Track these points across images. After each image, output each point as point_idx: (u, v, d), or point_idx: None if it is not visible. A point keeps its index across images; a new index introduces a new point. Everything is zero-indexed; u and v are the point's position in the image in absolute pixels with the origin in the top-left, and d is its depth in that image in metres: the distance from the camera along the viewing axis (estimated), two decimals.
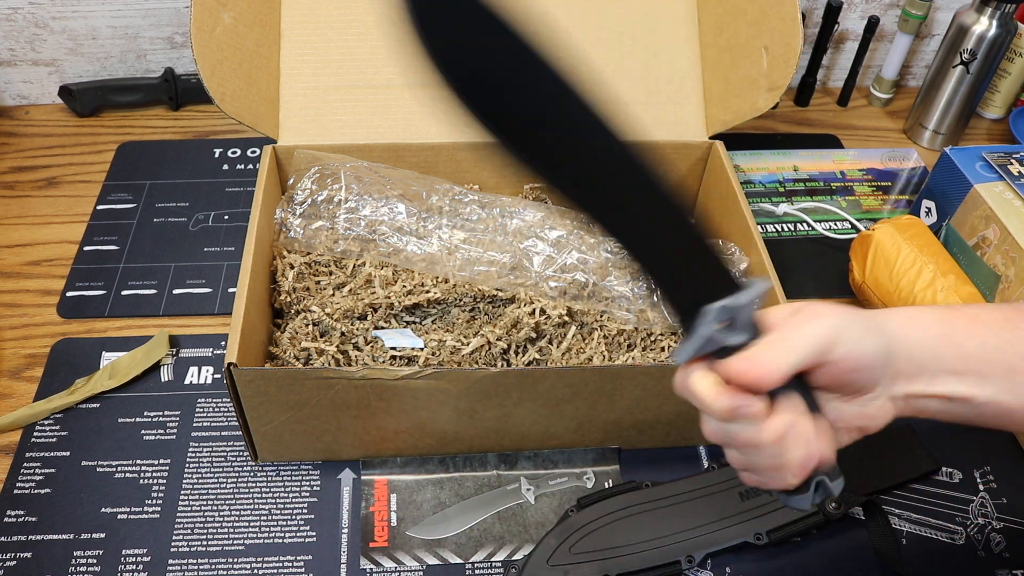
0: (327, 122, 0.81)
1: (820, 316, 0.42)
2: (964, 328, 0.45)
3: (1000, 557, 0.68)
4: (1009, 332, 0.45)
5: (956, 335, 0.45)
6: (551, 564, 0.64)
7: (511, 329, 0.72)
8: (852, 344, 0.42)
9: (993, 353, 0.45)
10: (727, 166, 0.81)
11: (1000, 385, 0.45)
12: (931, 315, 0.46)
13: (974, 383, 0.45)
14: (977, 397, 0.45)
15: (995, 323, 0.46)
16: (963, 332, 0.45)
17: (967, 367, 0.45)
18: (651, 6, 0.86)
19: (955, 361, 0.45)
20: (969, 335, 0.45)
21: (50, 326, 0.81)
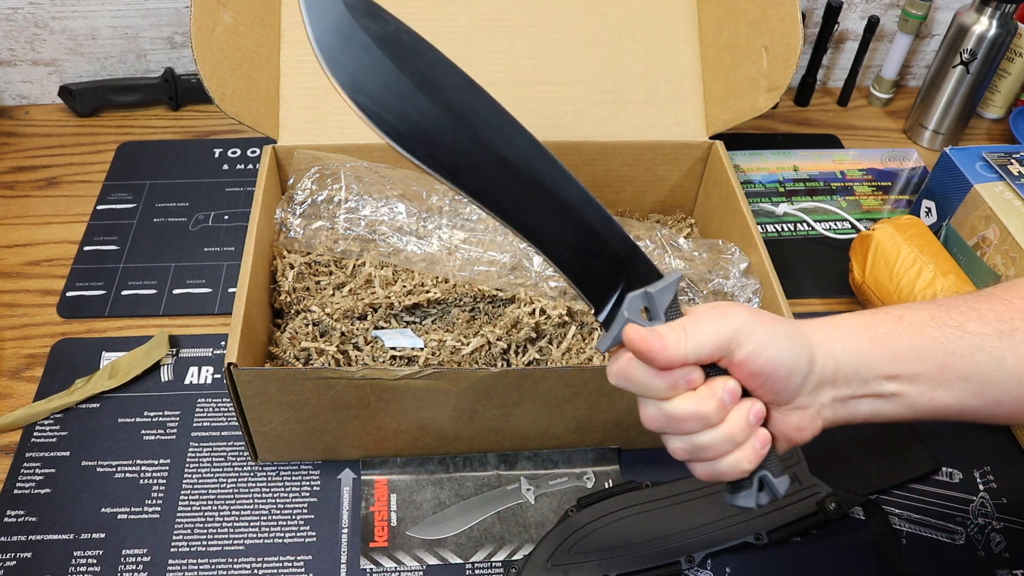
0: (327, 122, 0.81)
1: (728, 315, 0.43)
2: (890, 331, 0.45)
3: (1000, 557, 0.68)
4: (936, 330, 0.45)
5: (882, 338, 0.45)
6: (551, 564, 0.64)
7: (511, 329, 0.72)
8: (756, 346, 0.42)
9: (922, 352, 0.45)
10: (727, 166, 0.81)
11: (932, 382, 0.45)
12: (855, 321, 0.46)
13: (906, 382, 0.45)
14: (909, 394, 0.45)
15: (921, 323, 0.46)
16: (889, 335, 0.45)
17: (897, 369, 0.45)
18: (651, 6, 0.86)
19: (885, 363, 0.45)
20: (895, 337, 0.45)
21: (50, 326, 0.81)
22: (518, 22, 0.84)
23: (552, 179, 0.43)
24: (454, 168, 0.41)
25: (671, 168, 0.87)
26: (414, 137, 0.41)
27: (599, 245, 0.44)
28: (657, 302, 0.43)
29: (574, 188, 0.44)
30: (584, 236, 0.44)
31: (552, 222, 0.43)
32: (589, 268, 0.44)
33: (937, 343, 0.45)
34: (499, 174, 0.42)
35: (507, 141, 0.43)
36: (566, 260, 0.44)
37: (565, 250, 0.44)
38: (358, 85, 0.41)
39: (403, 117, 0.41)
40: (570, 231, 0.43)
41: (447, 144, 0.41)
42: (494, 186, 0.42)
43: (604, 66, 0.85)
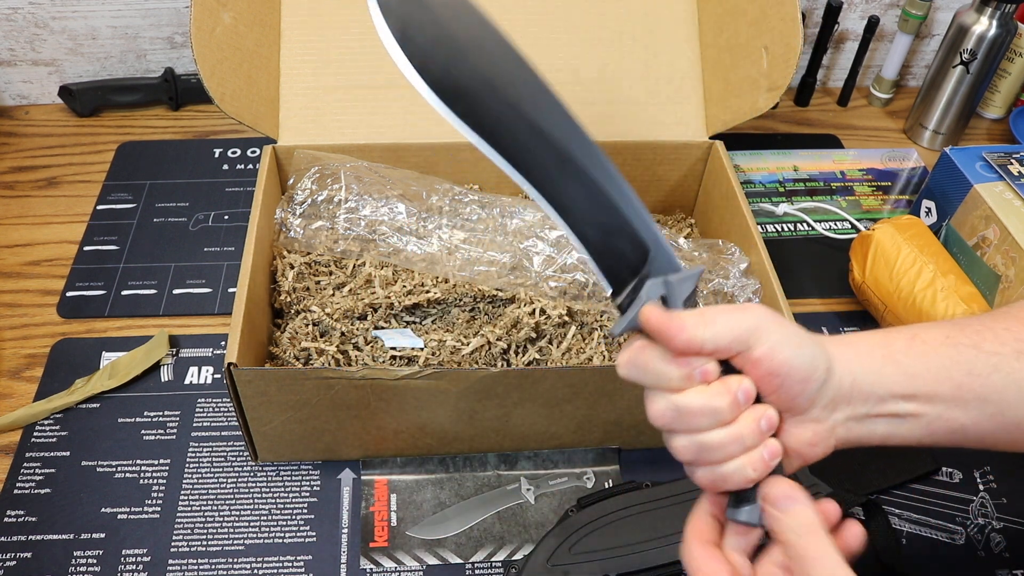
0: (327, 122, 0.81)
1: (749, 311, 0.42)
2: (904, 349, 0.45)
3: (1000, 557, 0.68)
4: (951, 348, 0.45)
5: (897, 356, 0.44)
6: (551, 564, 0.64)
7: (511, 329, 0.72)
8: (775, 344, 0.41)
9: (937, 372, 0.44)
10: (727, 166, 0.81)
11: (949, 404, 0.44)
12: (869, 339, 0.45)
13: (922, 402, 0.44)
14: (926, 415, 0.44)
15: (935, 341, 0.45)
16: (903, 353, 0.44)
17: (914, 388, 0.44)
18: (651, 6, 0.86)
19: (901, 381, 0.44)
20: (910, 355, 0.44)
21: (50, 326, 0.81)
22: (518, 22, 0.84)
23: (585, 156, 0.44)
24: (490, 129, 0.42)
25: (671, 168, 0.87)
26: (455, 93, 0.41)
27: (625, 227, 0.44)
28: (676, 292, 0.42)
29: (606, 168, 0.44)
30: (611, 216, 0.44)
31: (581, 197, 0.43)
32: (612, 249, 0.44)
33: (954, 362, 0.44)
34: (534, 142, 0.43)
35: (545, 112, 0.43)
36: (590, 238, 0.43)
37: (590, 228, 0.43)
38: (408, 35, 0.41)
39: (447, 72, 0.41)
40: (597, 209, 0.43)
41: (486, 105, 0.42)
42: (528, 152, 0.42)
43: (604, 66, 0.85)
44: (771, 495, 0.41)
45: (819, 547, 0.39)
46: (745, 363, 0.42)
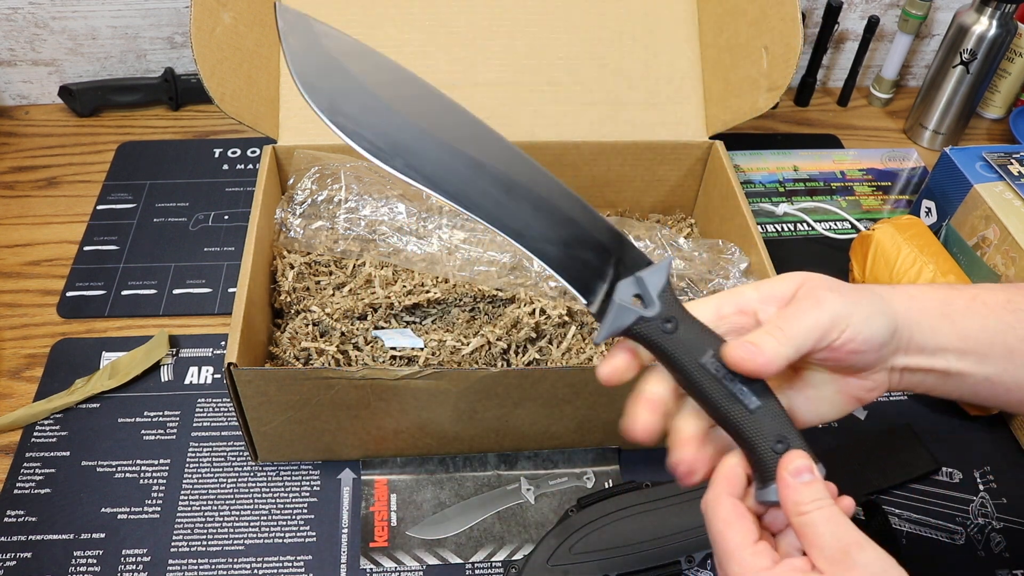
0: None
1: (822, 304, 0.42)
2: (964, 308, 0.45)
3: (1000, 557, 0.68)
4: (1010, 314, 0.45)
5: (956, 316, 0.45)
6: (551, 564, 0.64)
7: (511, 329, 0.72)
8: (853, 332, 0.42)
9: (994, 335, 0.45)
10: (727, 166, 0.81)
11: (999, 365, 0.45)
12: (931, 294, 0.46)
13: (974, 362, 0.45)
14: (975, 374, 0.45)
15: (996, 304, 0.46)
16: (963, 312, 0.45)
17: (967, 347, 0.45)
18: (651, 6, 0.86)
19: (955, 340, 0.45)
20: (969, 316, 0.45)
21: (50, 326, 0.81)
22: (518, 22, 0.84)
23: (527, 176, 0.44)
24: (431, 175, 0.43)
25: (671, 168, 0.87)
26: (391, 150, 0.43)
27: (582, 235, 0.44)
28: (649, 287, 0.43)
29: (550, 183, 0.45)
30: (566, 228, 0.44)
31: (532, 217, 0.44)
32: (575, 259, 0.44)
33: (1010, 328, 0.45)
34: (475, 176, 0.44)
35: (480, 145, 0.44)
36: (550, 254, 0.44)
37: (548, 244, 0.44)
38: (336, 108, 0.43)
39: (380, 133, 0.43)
40: (551, 225, 0.44)
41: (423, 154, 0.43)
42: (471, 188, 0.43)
43: (604, 66, 0.85)
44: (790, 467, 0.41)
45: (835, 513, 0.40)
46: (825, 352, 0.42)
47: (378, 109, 0.44)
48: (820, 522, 0.39)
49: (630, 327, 0.42)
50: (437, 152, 0.44)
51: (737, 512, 0.42)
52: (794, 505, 0.40)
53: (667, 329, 0.42)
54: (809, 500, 0.40)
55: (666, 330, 0.42)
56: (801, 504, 0.40)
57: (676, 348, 0.42)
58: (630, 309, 0.42)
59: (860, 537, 0.39)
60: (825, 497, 0.40)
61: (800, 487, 0.40)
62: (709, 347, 0.42)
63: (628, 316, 0.42)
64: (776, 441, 0.42)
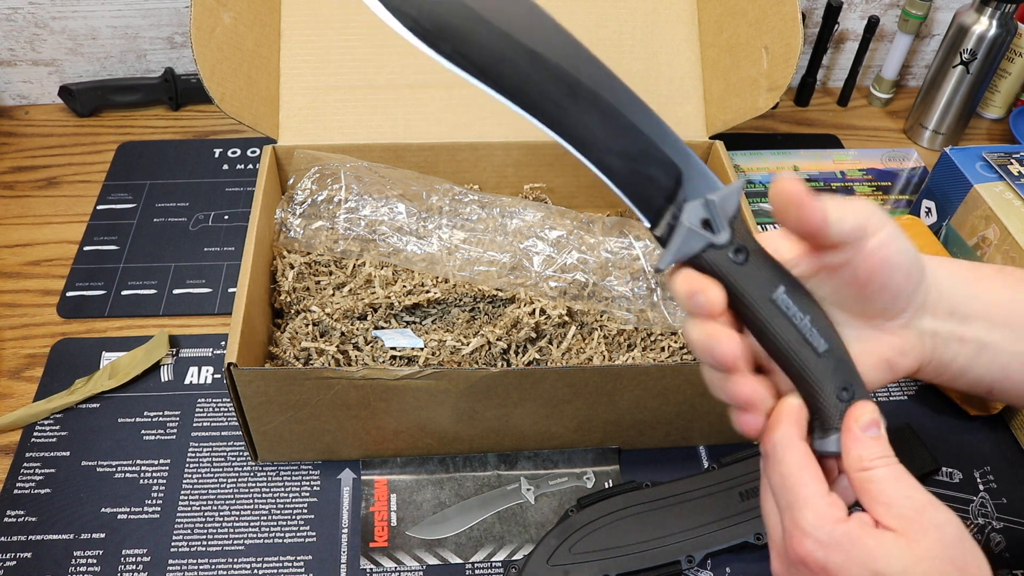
0: (327, 122, 0.81)
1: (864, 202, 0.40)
2: (992, 275, 0.44)
3: (1000, 557, 0.68)
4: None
5: (985, 281, 0.43)
6: (551, 564, 0.64)
7: (511, 329, 0.72)
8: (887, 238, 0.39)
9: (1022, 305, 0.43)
10: (727, 166, 0.81)
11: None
12: (957, 262, 0.45)
13: (1007, 332, 0.43)
14: (1008, 349, 0.43)
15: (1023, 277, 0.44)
16: (990, 279, 0.44)
17: (998, 315, 0.43)
18: (651, 6, 0.86)
19: (985, 306, 0.43)
20: (996, 284, 0.44)
21: (50, 326, 0.81)
22: None
23: (596, 80, 0.40)
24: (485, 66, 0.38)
25: None
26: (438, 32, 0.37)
27: (651, 151, 0.40)
28: (719, 211, 0.39)
29: (621, 90, 0.40)
30: (634, 141, 0.40)
31: (597, 126, 0.39)
32: (641, 177, 0.40)
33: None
34: (536, 73, 0.39)
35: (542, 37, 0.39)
36: (615, 168, 0.40)
37: (613, 156, 0.40)
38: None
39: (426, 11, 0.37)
40: (618, 136, 0.40)
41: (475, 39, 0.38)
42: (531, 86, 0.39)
43: None
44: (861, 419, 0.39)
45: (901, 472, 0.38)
46: (857, 253, 0.40)
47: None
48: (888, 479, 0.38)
49: (698, 254, 0.39)
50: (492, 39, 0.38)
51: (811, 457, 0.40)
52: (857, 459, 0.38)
53: (738, 260, 0.39)
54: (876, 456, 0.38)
55: (737, 260, 0.39)
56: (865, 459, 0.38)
57: (746, 281, 0.39)
58: (699, 234, 0.39)
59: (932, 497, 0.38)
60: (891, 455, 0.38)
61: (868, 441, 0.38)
62: (780, 283, 0.39)
63: (696, 242, 0.39)
64: (842, 388, 0.40)
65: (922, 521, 0.37)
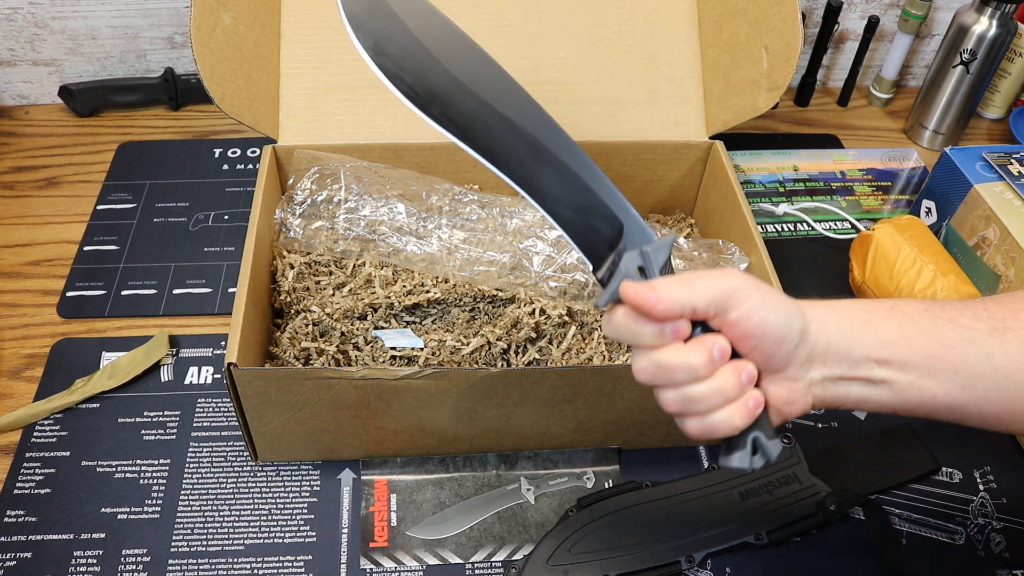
0: (327, 122, 0.81)
1: (727, 275, 0.44)
2: (883, 316, 0.46)
3: (1000, 557, 0.68)
4: (928, 321, 0.46)
5: (875, 323, 0.46)
6: (551, 564, 0.64)
7: (511, 329, 0.72)
8: (751, 307, 0.43)
9: (913, 340, 0.45)
10: (727, 166, 0.81)
11: (922, 371, 0.45)
12: (850, 305, 0.47)
13: (896, 368, 0.45)
14: (899, 382, 0.45)
15: (914, 313, 0.46)
16: (882, 320, 0.46)
17: (888, 353, 0.45)
18: (651, 6, 0.86)
19: (876, 347, 0.45)
20: (888, 323, 0.46)
21: (50, 326, 0.81)
22: (518, 22, 0.84)
23: (555, 143, 0.47)
24: (464, 128, 0.46)
25: (671, 168, 0.87)
26: (428, 98, 0.45)
27: (598, 206, 0.47)
28: (652, 261, 0.45)
29: (575, 154, 0.47)
30: (584, 197, 0.47)
31: (554, 182, 0.47)
32: (588, 227, 0.47)
33: (928, 332, 0.46)
34: (506, 135, 0.46)
35: (515, 107, 0.47)
36: (566, 218, 0.47)
37: (565, 208, 0.47)
38: (380, 48, 0.45)
39: (420, 79, 0.45)
40: (571, 191, 0.47)
41: (459, 105, 0.46)
42: (501, 146, 0.46)
43: (604, 66, 0.85)
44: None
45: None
46: (722, 325, 0.44)
47: (421, 56, 0.46)
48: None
49: None
50: (473, 106, 0.46)
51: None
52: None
53: None
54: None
55: None
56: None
57: None
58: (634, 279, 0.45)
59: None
60: None
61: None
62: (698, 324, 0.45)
63: None
64: None
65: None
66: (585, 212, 0.47)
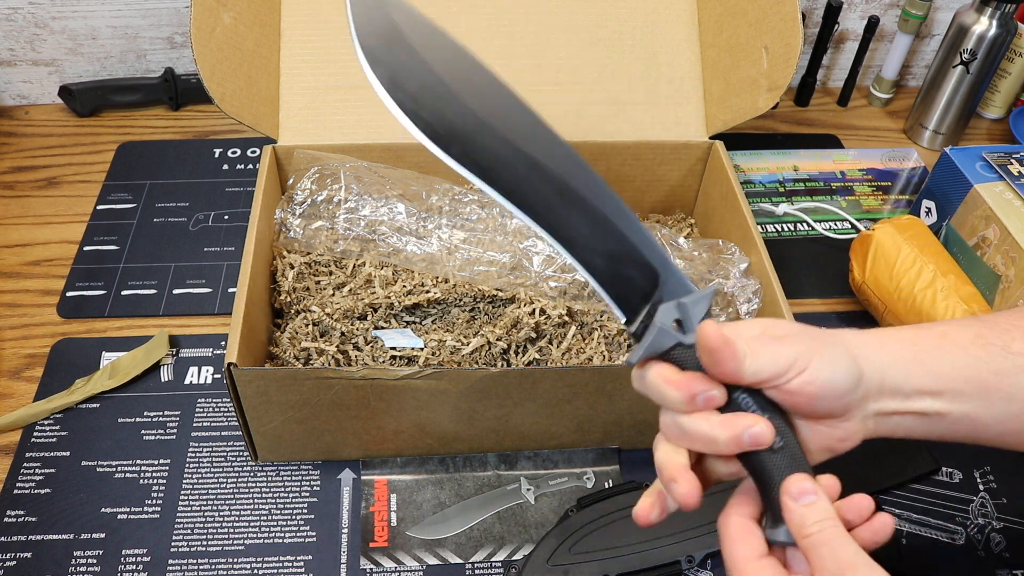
0: (327, 122, 0.81)
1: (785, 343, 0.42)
2: (933, 348, 0.45)
3: (1000, 557, 0.68)
4: (980, 349, 0.45)
5: (925, 356, 0.45)
6: (551, 564, 0.64)
7: (511, 329, 0.72)
8: (811, 375, 0.41)
9: (964, 371, 0.44)
10: (727, 166, 0.81)
11: (975, 402, 0.44)
12: (898, 337, 0.46)
13: (948, 400, 0.44)
14: (952, 413, 0.44)
15: (965, 340, 0.45)
16: (932, 352, 0.45)
17: (940, 386, 0.44)
18: (651, 6, 0.86)
19: (928, 381, 0.44)
20: (939, 355, 0.45)
21: (50, 326, 0.81)
22: (518, 22, 0.84)
23: (585, 185, 0.43)
24: (486, 168, 0.42)
25: (671, 168, 0.87)
26: (448, 136, 0.42)
27: (632, 253, 0.43)
28: (691, 314, 0.42)
29: (607, 196, 0.44)
30: (616, 244, 0.43)
31: (584, 227, 0.43)
32: (621, 277, 0.43)
33: (982, 362, 0.44)
34: (531, 176, 0.43)
35: (540, 145, 0.43)
36: (596, 267, 0.43)
37: (596, 256, 0.43)
38: (397, 83, 0.42)
39: (439, 116, 0.42)
40: (602, 238, 0.43)
41: (481, 144, 0.42)
42: (526, 188, 0.42)
43: (604, 66, 0.85)
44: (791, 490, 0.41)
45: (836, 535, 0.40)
46: (780, 392, 0.42)
47: (440, 92, 0.42)
48: (821, 544, 0.39)
49: (667, 351, 0.42)
50: (495, 145, 0.42)
51: (746, 528, 0.43)
52: (799, 528, 0.40)
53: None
54: (812, 522, 0.40)
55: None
56: (805, 527, 0.40)
57: None
58: (670, 334, 0.42)
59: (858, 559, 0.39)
60: (828, 519, 0.40)
61: (802, 510, 0.40)
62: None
63: (667, 340, 0.42)
64: None
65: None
66: (617, 260, 0.43)
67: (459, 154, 0.42)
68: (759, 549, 0.42)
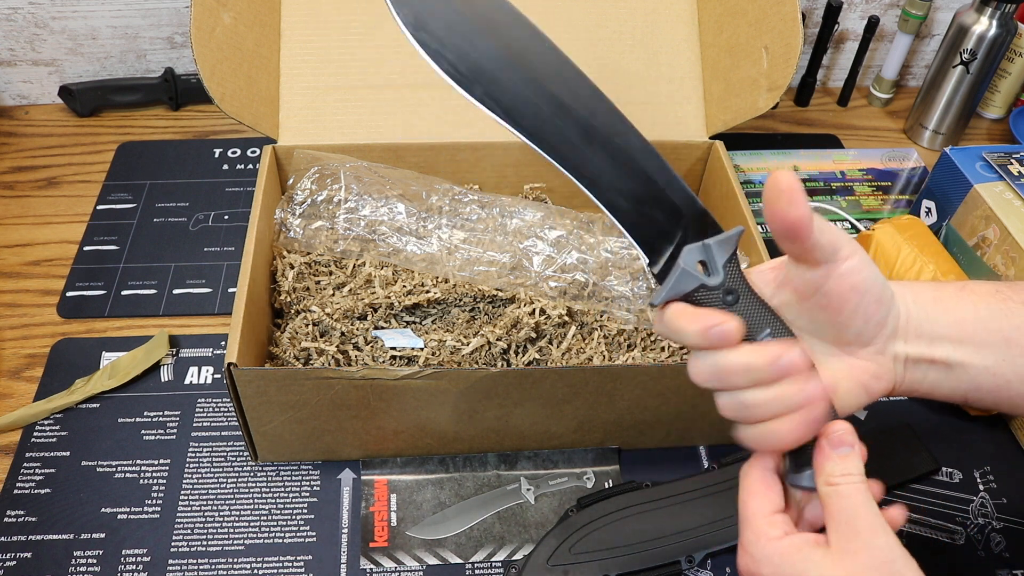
0: (327, 122, 0.81)
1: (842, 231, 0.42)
2: (954, 295, 0.45)
3: (1000, 557, 0.68)
4: (1000, 303, 0.45)
5: (947, 301, 0.45)
6: (551, 564, 0.64)
7: (511, 329, 0.72)
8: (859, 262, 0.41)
9: (987, 322, 0.44)
10: (727, 166, 0.81)
11: (998, 355, 0.44)
12: (919, 283, 0.46)
13: (972, 350, 0.44)
14: (975, 365, 0.44)
15: (985, 293, 0.45)
16: (953, 299, 0.45)
17: (963, 333, 0.44)
18: (651, 6, 0.86)
19: (950, 326, 0.44)
20: (960, 302, 0.45)
21: (50, 326, 0.81)
22: None
23: (610, 125, 0.43)
24: (510, 108, 0.42)
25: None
26: (472, 76, 0.42)
27: (656, 194, 0.43)
28: (715, 255, 0.42)
29: (633, 136, 0.44)
30: (641, 184, 0.43)
31: (608, 168, 0.43)
32: (645, 217, 0.43)
33: (1003, 315, 0.44)
34: (555, 116, 0.42)
35: (565, 85, 0.43)
36: (620, 207, 0.43)
37: (620, 197, 0.43)
38: (420, 23, 0.42)
39: (463, 56, 0.42)
40: (626, 178, 0.43)
41: (505, 84, 0.42)
42: (550, 128, 0.42)
43: (604, 66, 0.85)
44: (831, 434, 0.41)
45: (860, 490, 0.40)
46: (829, 276, 0.41)
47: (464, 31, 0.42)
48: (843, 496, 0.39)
49: (690, 293, 0.42)
50: (520, 85, 0.42)
51: (764, 482, 0.43)
52: (826, 475, 0.40)
53: (727, 301, 0.42)
54: (840, 473, 0.40)
55: (727, 302, 0.42)
56: (832, 475, 0.40)
57: None
58: (693, 275, 0.41)
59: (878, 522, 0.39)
60: (858, 474, 0.40)
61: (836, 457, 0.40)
62: (767, 325, 0.42)
63: (690, 282, 0.41)
64: None
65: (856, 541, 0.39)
66: (642, 201, 0.43)
67: (482, 95, 0.42)
68: (773, 504, 0.42)
